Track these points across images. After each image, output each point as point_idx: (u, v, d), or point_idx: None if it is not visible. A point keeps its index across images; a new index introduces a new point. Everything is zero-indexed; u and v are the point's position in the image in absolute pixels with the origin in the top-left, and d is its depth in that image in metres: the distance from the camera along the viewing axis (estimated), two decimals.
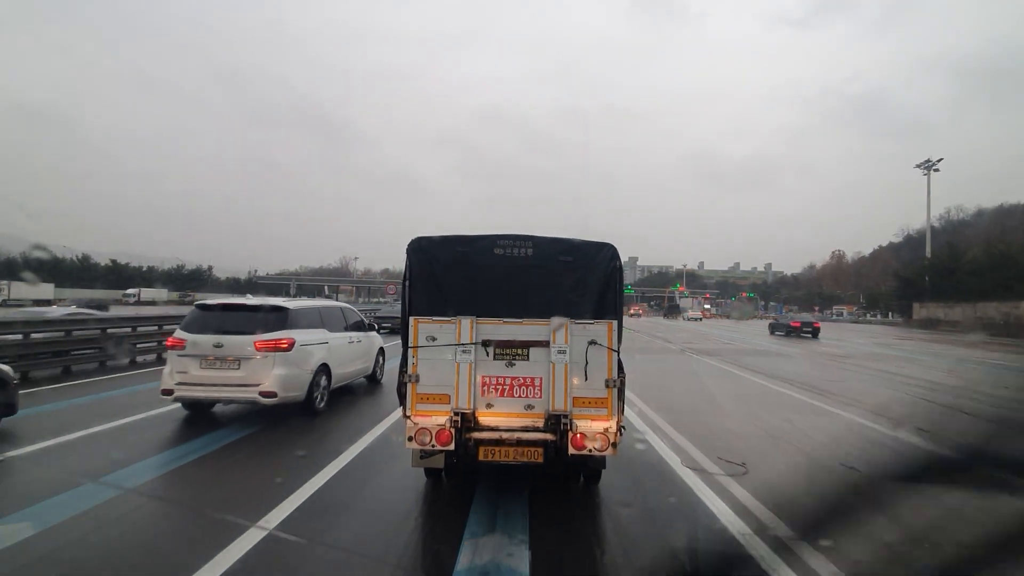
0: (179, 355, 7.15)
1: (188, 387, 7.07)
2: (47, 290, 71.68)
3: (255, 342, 7.11)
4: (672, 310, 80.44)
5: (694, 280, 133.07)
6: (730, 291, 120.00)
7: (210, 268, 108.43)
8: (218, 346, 7.08)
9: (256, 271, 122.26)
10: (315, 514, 4.28)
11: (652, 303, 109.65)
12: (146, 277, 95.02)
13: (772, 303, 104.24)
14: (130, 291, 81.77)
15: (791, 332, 33.39)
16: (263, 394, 7.01)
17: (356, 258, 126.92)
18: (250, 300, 8.23)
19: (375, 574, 3.54)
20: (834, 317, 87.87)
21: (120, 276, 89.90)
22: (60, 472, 5.25)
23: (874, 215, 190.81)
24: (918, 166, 58.23)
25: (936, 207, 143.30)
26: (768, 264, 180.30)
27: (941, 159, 56.38)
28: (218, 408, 7.77)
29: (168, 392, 7.10)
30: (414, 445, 4.22)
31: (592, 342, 4.31)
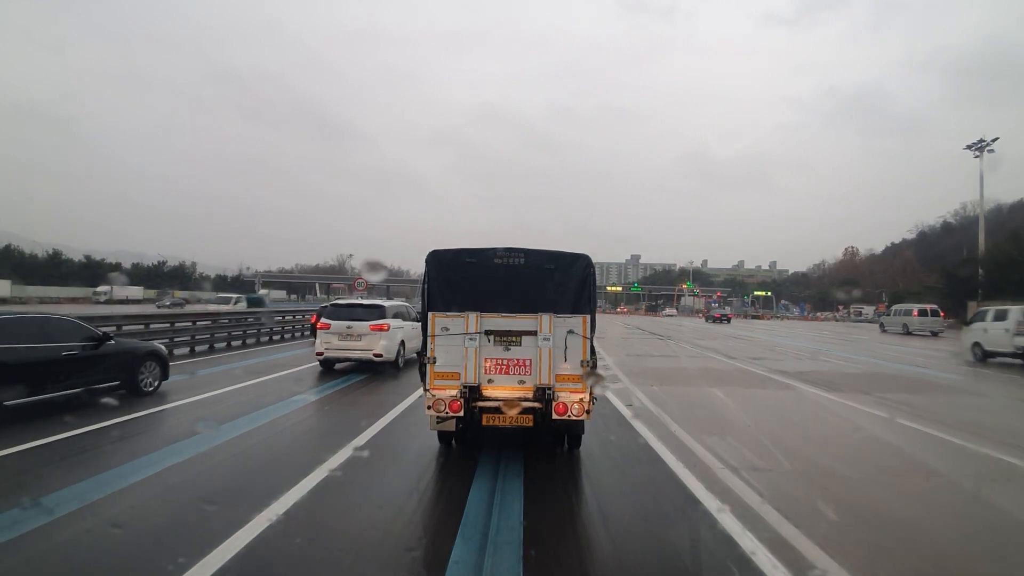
0: (325, 333, 11.80)
1: (331, 350, 11.81)
2: (2, 287, 64.62)
3: (370, 325, 11.72)
4: (652, 308, 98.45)
5: (699, 277, 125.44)
6: (740, 289, 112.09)
7: (194, 265, 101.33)
8: (349, 327, 11.69)
9: (249, 268, 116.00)
10: (408, 415, 7.61)
11: (659, 301, 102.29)
12: (123, 275, 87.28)
13: (784, 302, 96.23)
14: (101, 289, 74.44)
15: (715, 320, 52.08)
16: (375, 355, 11.60)
17: (351, 255, 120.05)
18: (364, 301, 13.70)
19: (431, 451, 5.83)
20: (853, 318, 79.82)
21: (94, 273, 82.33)
22: (233, 406, 8.26)
23: (878, 213, 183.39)
24: (969, 147, 50.56)
25: (951, 203, 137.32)
26: (773, 262, 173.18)
27: (996, 139, 48.74)
28: (338, 366, 12.35)
29: (320, 354, 11.84)
30: (432, 412, 5.30)
31: (570, 331, 5.36)
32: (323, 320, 12.08)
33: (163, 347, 9.70)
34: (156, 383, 8.96)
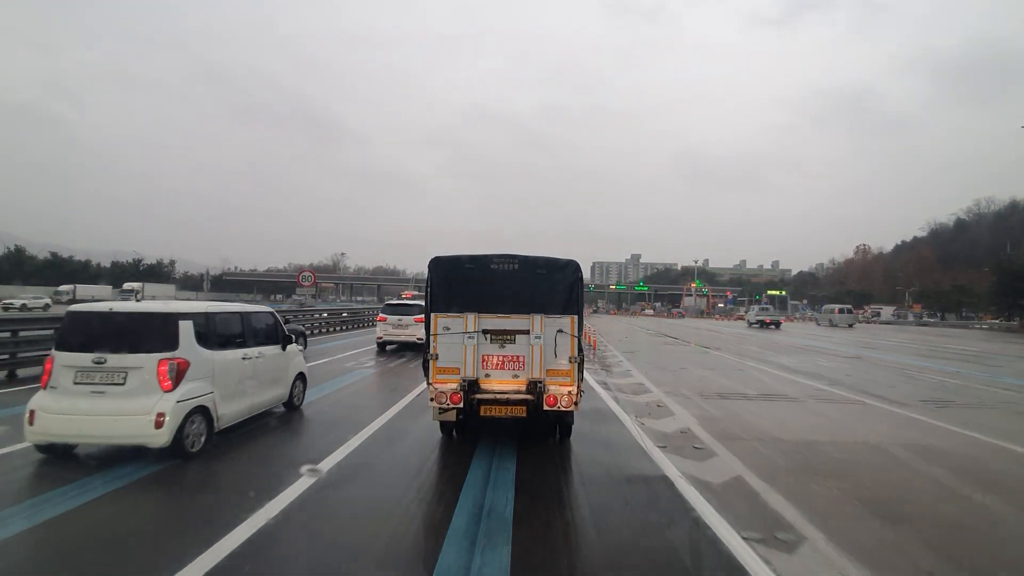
0: (382, 324, 15.95)
1: (387, 336, 15.88)
2: None
3: (414, 318, 15.38)
4: (622, 309, 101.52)
5: (702, 277, 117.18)
6: (749, 289, 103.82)
7: (172, 263, 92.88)
8: (399, 320, 15.79)
9: (236, 267, 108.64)
10: None
11: (663, 302, 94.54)
12: (93, 273, 79.02)
13: (804, 301, 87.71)
14: (63, 288, 66.34)
15: (674, 317, 66.85)
16: (417, 339, 14.80)
17: (343, 254, 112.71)
18: (409, 301, 18.48)
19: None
20: (872, 318, 71.15)
21: (59, 271, 73.95)
22: (331, 369, 12.00)
23: (879, 212, 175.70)
24: None
25: (963, 200, 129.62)
26: (775, 261, 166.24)
27: None
28: (388, 348, 16.04)
29: (379, 338, 15.96)
30: (434, 404, 5.55)
31: (560, 331, 5.62)
32: (380, 315, 16.45)
33: (302, 327, 16.98)
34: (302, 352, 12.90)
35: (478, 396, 5.48)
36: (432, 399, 5.50)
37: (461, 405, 5.43)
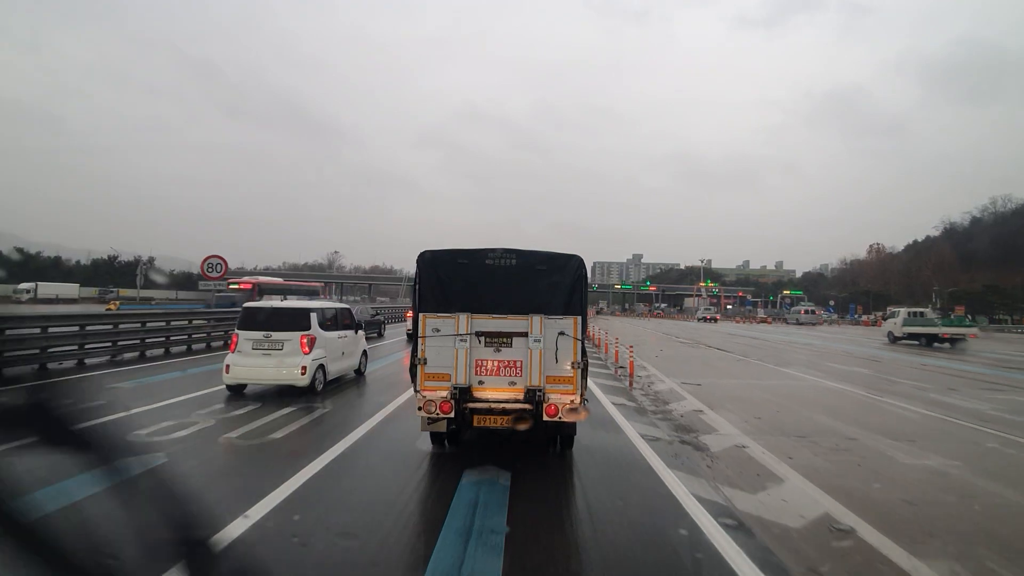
0: (411, 319, 20.08)
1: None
2: None
3: None
4: (625, 310, 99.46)
5: (708, 277, 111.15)
6: (760, 290, 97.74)
7: (151, 260, 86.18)
8: None
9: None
10: None
11: (670, 303, 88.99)
12: (65, 270, 72.85)
13: (808, 303, 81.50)
14: (23, 286, 61.02)
15: (653, 316, 73.98)
16: None
17: (336, 252, 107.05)
18: None
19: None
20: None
21: (26, 268, 67.32)
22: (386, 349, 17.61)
23: (879, 212, 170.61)
24: None
25: (978, 197, 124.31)
26: (779, 262, 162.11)
27: None
28: None
29: (409, 330, 18.06)
30: (423, 413, 5.10)
31: (561, 333, 5.09)
32: (409, 311, 20.67)
33: (382, 318, 23.76)
34: (383, 333, 22.48)
35: (471, 405, 5.15)
36: (420, 408, 5.13)
37: (452, 415, 5.07)
